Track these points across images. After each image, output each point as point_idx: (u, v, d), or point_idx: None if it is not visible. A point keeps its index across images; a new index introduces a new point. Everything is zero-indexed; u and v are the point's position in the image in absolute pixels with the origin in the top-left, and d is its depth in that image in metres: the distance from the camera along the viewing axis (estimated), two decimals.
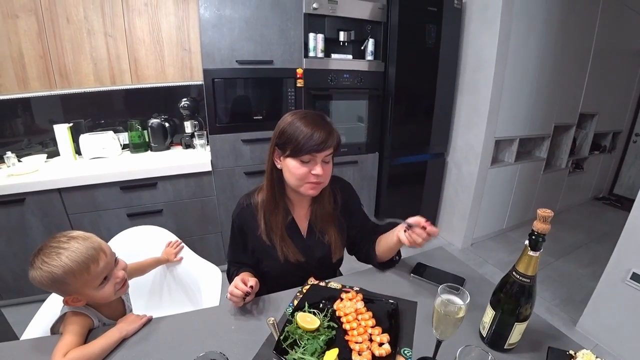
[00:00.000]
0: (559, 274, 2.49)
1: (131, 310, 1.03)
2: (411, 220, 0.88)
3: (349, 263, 1.16)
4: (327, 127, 0.91)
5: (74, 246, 0.78)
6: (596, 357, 0.72)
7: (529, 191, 3.09)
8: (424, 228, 0.86)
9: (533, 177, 3.06)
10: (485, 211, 2.81)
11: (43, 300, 1.08)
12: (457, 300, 0.67)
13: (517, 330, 0.73)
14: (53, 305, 1.03)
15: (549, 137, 3.01)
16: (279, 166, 0.96)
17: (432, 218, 3.02)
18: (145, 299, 1.35)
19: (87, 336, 0.81)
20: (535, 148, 3.14)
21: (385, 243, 1.02)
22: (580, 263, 2.64)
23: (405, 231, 0.89)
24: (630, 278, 1.65)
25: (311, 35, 2.07)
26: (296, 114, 0.93)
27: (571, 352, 0.75)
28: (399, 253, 1.07)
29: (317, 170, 0.90)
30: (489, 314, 0.76)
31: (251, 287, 0.86)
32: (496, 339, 0.76)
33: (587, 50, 2.93)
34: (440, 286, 0.68)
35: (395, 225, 0.95)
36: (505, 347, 0.75)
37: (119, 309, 0.98)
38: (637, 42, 3.32)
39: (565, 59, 2.72)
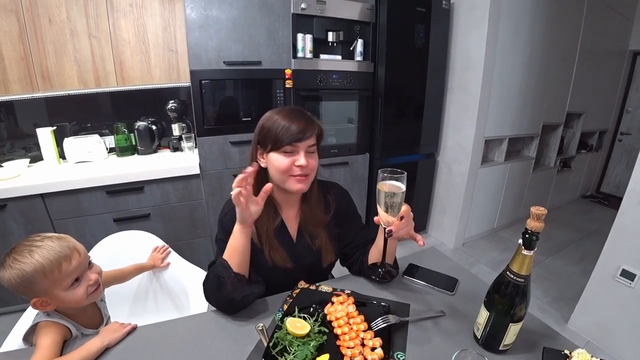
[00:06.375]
0: (550, 272, 2.51)
1: (109, 319, 0.99)
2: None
3: (341, 266, 1.13)
4: (305, 117, 0.90)
5: (47, 244, 0.77)
6: (591, 357, 0.71)
7: (519, 190, 3.11)
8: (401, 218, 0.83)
9: (523, 176, 3.08)
10: (476, 211, 2.82)
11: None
12: (396, 183, 0.78)
13: (512, 331, 0.72)
14: (33, 316, 0.98)
15: (537, 136, 3.04)
16: (263, 165, 0.94)
17: (424, 218, 3.02)
18: (129, 306, 1.31)
19: (63, 347, 0.77)
20: (525, 147, 3.17)
21: (374, 246, 0.99)
22: (570, 260, 2.67)
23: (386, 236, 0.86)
24: (620, 275, 1.66)
25: (299, 36, 2.05)
26: (274, 110, 0.94)
27: (566, 351, 0.74)
28: (395, 265, 1.01)
29: (301, 160, 0.88)
30: (483, 315, 0.75)
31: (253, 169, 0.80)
32: (491, 341, 0.74)
33: (573, 51, 2.98)
34: (379, 171, 0.79)
35: None
36: (500, 349, 0.74)
37: (96, 317, 0.94)
38: (620, 43, 3.39)
39: (552, 60, 2.76)
